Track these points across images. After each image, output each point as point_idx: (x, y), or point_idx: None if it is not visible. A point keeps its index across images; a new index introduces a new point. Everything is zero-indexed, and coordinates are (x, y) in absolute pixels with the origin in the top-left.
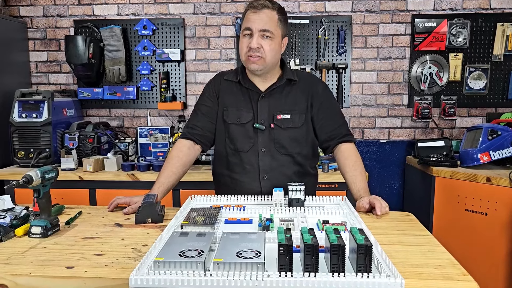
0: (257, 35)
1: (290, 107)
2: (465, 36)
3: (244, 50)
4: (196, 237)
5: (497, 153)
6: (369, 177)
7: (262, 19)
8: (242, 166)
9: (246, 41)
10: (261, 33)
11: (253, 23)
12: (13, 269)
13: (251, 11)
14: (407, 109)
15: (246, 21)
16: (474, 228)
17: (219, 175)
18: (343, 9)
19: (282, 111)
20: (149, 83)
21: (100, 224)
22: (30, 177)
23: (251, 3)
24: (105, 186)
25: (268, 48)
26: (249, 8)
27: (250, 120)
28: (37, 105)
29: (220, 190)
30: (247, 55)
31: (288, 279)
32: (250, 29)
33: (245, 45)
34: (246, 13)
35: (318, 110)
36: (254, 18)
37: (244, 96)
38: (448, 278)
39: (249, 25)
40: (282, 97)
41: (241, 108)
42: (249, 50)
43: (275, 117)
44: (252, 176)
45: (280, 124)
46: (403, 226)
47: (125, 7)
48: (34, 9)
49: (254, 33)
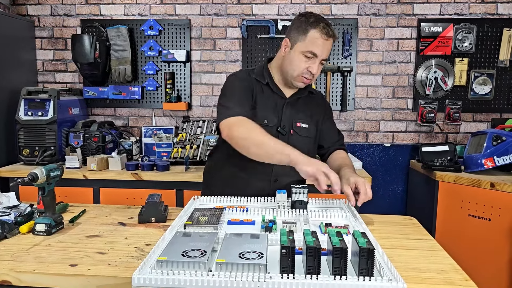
0: (319, 62)
1: (308, 118)
2: (471, 41)
3: (301, 69)
4: (199, 237)
5: (502, 158)
6: (373, 180)
7: (328, 49)
8: (255, 167)
9: (307, 63)
10: (322, 61)
11: (321, 51)
12: (17, 266)
13: (321, 36)
14: (411, 113)
15: (314, 45)
16: (477, 233)
17: (226, 175)
18: (349, 13)
19: (301, 119)
20: (155, 83)
21: (103, 223)
22: (36, 174)
23: (319, 25)
24: (109, 185)
25: (317, 72)
26: (318, 30)
27: (275, 124)
28: (43, 103)
29: (222, 190)
30: (302, 76)
31: (290, 281)
32: (316, 55)
33: (304, 66)
34: (312, 31)
35: (326, 122)
36: (324, 46)
37: (270, 99)
38: (450, 283)
39: (317, 51)
40: (302, 106)
41: (268, 110)
42: (308, 73)
43: (294, 124)
44: (263, 178)
45: (299, 131)
46: (406, 230)
47: (132, 7)
48: (41, 8)
49: (317, 60)
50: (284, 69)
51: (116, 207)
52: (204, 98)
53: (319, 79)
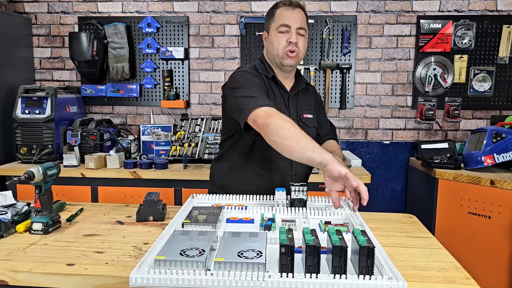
0: (295, 32)
1: (310, 108)
2: (471, 38)
3: (282, 45)
4: (198, 236)
5: (501, 156)
6: (372, 178)
7: (298, 17)
8: (272, 161)
9: (285, 36)
10: (298, 30)
11: (291, 20)
12: (13, 265)
13: (286, 8)
14: (411, 110)
15: (282, 18)
16: (477, 231)
17: (248, 174)
18: (348, 9)
19: (306, 111)
20: (153, 81)
21: (101, 222)
22: (32, 173)
23: (282, 2)
24: (107, 183)
25: (302, 45)
26: (282, 5)
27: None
28: (40, 102)
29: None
30: (286, 49)
31: (289, 279)
32: (288, 25)
33: (283, 40)
34: (277, 10)
35: (318, 112)
36: (292, 16)
37: (277, 94)
38: (451, 281)
39: (287, 22)
40: (304, 98)
41: (278, 104)
42: (289, 44)
43: (301, 116)
44: (284, 173)
45: (307, 122)
46: (406, 228)
47: (130, 4)
48: (38, 6)
49: (292, 30)
50: (270, 55)
51: (114, 206)
52: (203, 95)
53: (318, 77)
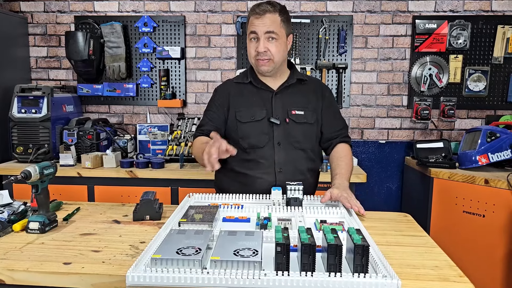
0: (263, 38)
1: (303, 104)
2: (466, 38)
3: (252, 54)
4: (194, 235)
5: (496, 155)
6: (368, 177)
7: (265, 23)
8: (257, 161)
9: (254, 45)
10: (266, 35)
11: (257, 27)
12: (10, 264)
13: (253, 15)
14: (406, 110)
15: (251, 25)
16: (471, 230)
17: (235, 174)
18: (344, 9)
19: (295, 107)
20: (149, 80)
21: (98, 221)
22: (29, 172)
23: (253, 9)
24: (104, 183)
25: (274, 49)
26: (251, 14)
27: (264, 116)
28: (36, 101)
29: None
30: (255, 58)
31: (285, 278)
32: (256, 32)
33: (253, 49)
34: (249, 18)
35: (325, 111)
36: (258, 23)
37: (256, 96)
38: (444, 279)
39: (254, 29)
40: (295, 95)
41: (254, 106)
42: (257, 54)
43: (289, 112)
44: (268, 170)
45: (295, 119)
46: (401, 227)
47: (126, 3)
48: (34, 5)
49: (260, 37)
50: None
51: (110, 205)
52: (199, 95)
53: (314, 76)
